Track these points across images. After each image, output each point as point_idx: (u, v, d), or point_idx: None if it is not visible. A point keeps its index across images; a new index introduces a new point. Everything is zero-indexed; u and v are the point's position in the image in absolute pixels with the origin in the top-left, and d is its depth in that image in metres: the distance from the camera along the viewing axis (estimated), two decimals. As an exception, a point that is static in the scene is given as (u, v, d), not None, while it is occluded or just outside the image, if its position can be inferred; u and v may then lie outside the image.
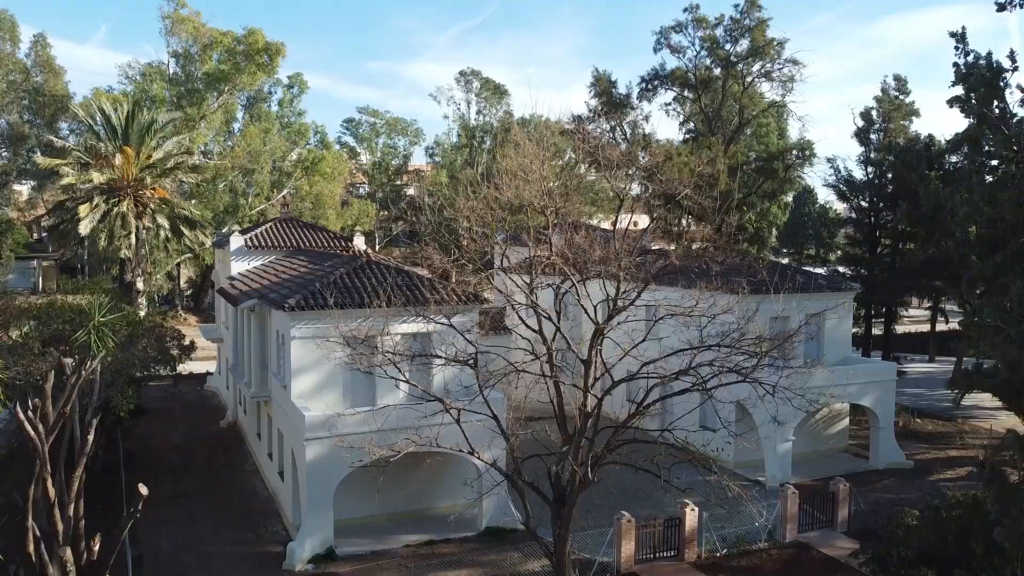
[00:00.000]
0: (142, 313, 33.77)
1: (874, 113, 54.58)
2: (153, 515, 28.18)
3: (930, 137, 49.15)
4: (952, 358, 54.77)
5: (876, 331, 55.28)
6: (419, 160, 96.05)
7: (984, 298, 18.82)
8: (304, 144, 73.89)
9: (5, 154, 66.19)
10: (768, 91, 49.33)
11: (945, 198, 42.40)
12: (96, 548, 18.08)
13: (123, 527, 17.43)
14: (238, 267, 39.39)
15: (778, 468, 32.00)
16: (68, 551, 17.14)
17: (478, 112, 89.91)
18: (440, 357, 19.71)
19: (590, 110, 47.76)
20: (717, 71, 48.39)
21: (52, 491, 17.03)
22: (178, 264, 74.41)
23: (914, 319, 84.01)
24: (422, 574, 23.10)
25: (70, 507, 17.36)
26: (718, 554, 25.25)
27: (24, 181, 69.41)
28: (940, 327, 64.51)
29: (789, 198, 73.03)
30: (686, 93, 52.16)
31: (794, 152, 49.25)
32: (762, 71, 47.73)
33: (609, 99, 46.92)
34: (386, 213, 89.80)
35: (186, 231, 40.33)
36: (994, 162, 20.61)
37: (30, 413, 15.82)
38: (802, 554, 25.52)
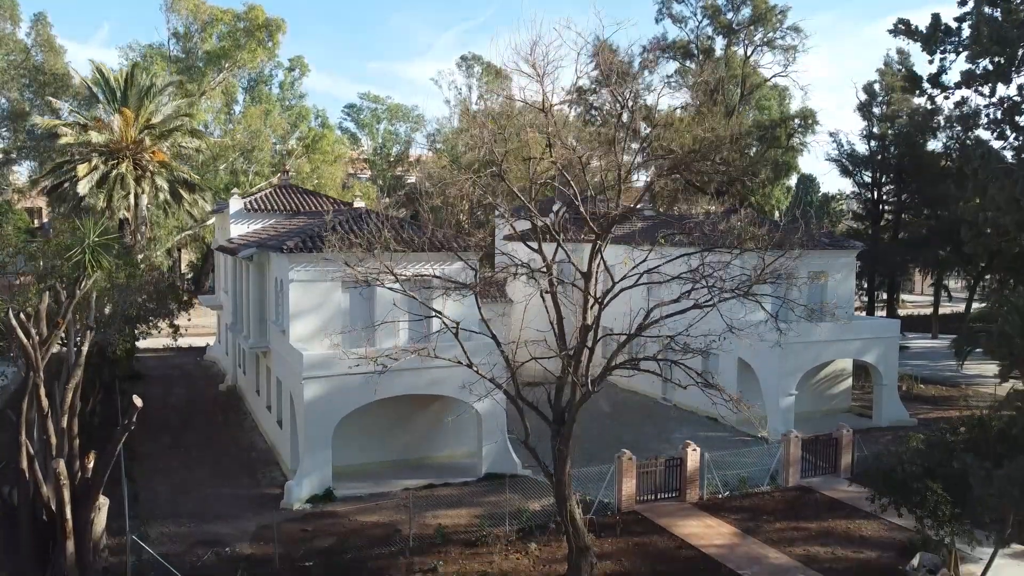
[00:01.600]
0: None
1: (877, 86, 54.36)
2: (150, 464, 28.10)
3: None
4: (955, 336, 54.45)
5: (880, 315, 55.02)
6: (420, 149, 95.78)
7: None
8: (306, 125, 73.62)
9: (6, 134, 66.03)
10: (770, 62, 49.11)
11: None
12: (90, 466, 17.84)
13: (117, 440, 17.18)
14: (237, 231, 39.17)
15: (781, 423, 31.71)
16: (61, 463, 16.90)
17: (479, 97, 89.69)
18: (439, 278, 19.41)
19: (590, 80, 47.45)
20: (719, 40, 48.18)
21: (45, 402, 16.80)
22: (179, 248, 74.25)
23: (917, 304, 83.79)
24: (421, 512, 22.83)
25: (63, 419, 17.12)
26: (720, 495, 24.98)
27: (23, 161, 69.21)
28: (943, 310, 64.28)
29: (791, 182, 72.92)
30: (688, 64, 51.92)
31: (796, 120, 49.03)
32: (764, 39, 47.46)
33: (610, 68, 46.51)
34: (387, 200, 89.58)
35: (185, 194, 40.05)
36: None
37: (22, 316, 15.60)
38: (805, 496, 25.26)
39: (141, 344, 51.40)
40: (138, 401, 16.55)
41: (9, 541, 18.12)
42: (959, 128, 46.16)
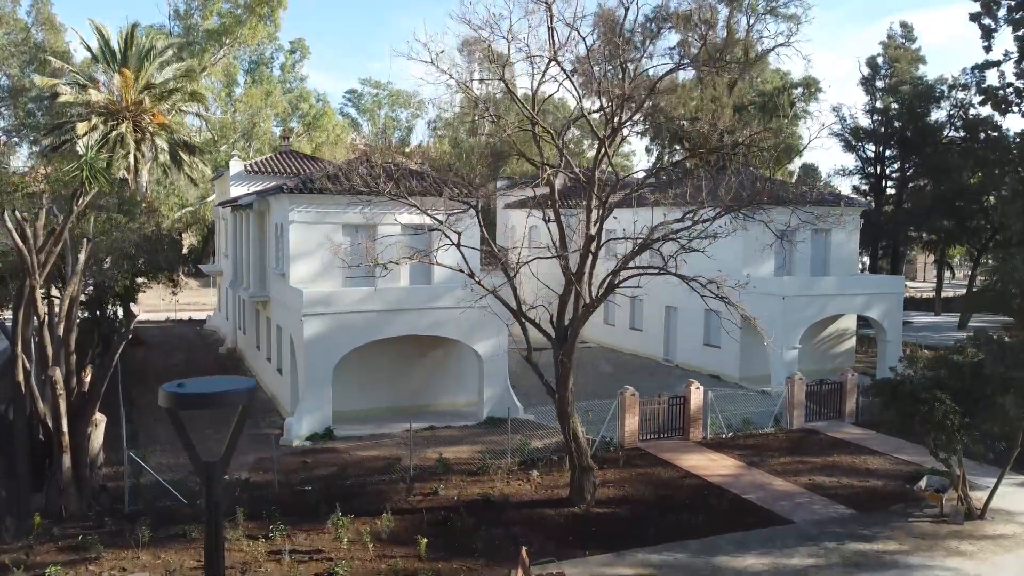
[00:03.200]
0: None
1: (880, 60, 54.12)
2: (149, 412, 27.83)
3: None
4: (958, 314, 54.15)
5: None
6: (421, 134, 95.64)
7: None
8: (307, 104, 73.48)
9: (6, 112, 65.84)
10: (774, 33, 48.80)
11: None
12: (87, 380, 17.64)
13: (114, 351, 16.98)
14: (237, 193, 38.96)
15: (784, 376, 31.37)
16: (57, 371, 16.70)
17: (480, 81, 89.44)
18: (438, 197, 19.17)
19: (588, 48, 47.20)
20: (722, 8, 47.92)
21: (42, 309, 16.59)
22: (180, 234, 73.97)
23: (919, 289, 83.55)
24: (422, 449, 22.60)
25: (59, 327, 16.90)
26: (724, 435, 24.74)
27: (23, 143, 69.05)
28: (946, 293, 64.02)
29: (794, 166, 72.59)
30: (690, 37, 51.64)
31: (799, 88, 48.79)
32: (767, 7, 47.26)
33: (612, 35, 46.40)
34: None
35: (185, 157, 39.84)
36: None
37: (17, 215, 15.38)
38: (810, 437, 25.01)
39: (141, 316, 51.54)
40: (135, 309, 16.35)
41: (6, 459, 17.90)
42: (964, 98, 46.17)
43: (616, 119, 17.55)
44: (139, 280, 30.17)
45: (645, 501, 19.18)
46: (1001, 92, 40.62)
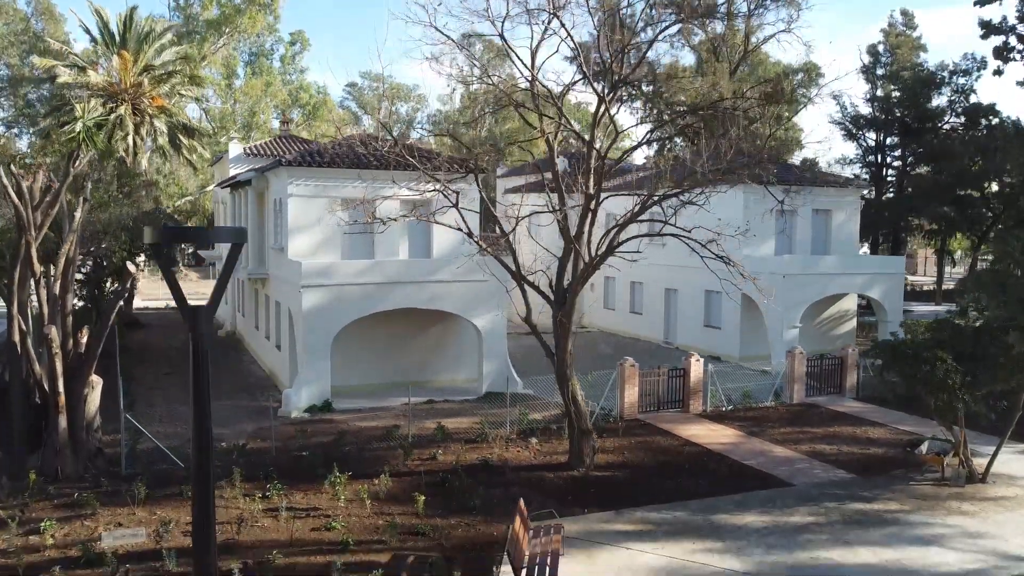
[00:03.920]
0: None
1: (880, 48, 54.03)
2: (148, 385, 27.85)
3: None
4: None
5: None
6: (421, 133, 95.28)
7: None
8: (307, 95, 73.41)
9: (6, 103, 65.83)
10: (774, 20, 48.76)
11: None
12: (83, 341, 17.54)
13: (110, 310, 16.87)
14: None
15: (784, 355, 31.27)
16: (53, 330, 16.59)
17: (480, 75, 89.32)
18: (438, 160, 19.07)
19: (590, 33, 47.17)
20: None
21: (37, 266, 16.49)
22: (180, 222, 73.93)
23: (919, 283, 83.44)
24: (421, 420, 22.51)
25: (56, 284, 16.80)
26: (724, 408, 24.63)
27: (22, 129, 69.04)
28: (947, 287, 63.83)
29: (794, 161, 72.43)
30: (691, 24, 51.54)
31: (800, 74, 48.67)
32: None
33: (614, 23, 46.33)
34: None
35: (184, 140, 39.74)
36: None
37: (13, 168, 15.29)
38: (810, 410, 24.89)
39: (140, 303, 51.36)
40: (131, 267, 16.22)
41: (1, 421, 17.81)
42: (966, 84, 45.99)
43: (616, 76, 17.44)
44: (138, 258, 30.02)
45: (644, 466, 19.07)
46: (1004, 34, 39.03)
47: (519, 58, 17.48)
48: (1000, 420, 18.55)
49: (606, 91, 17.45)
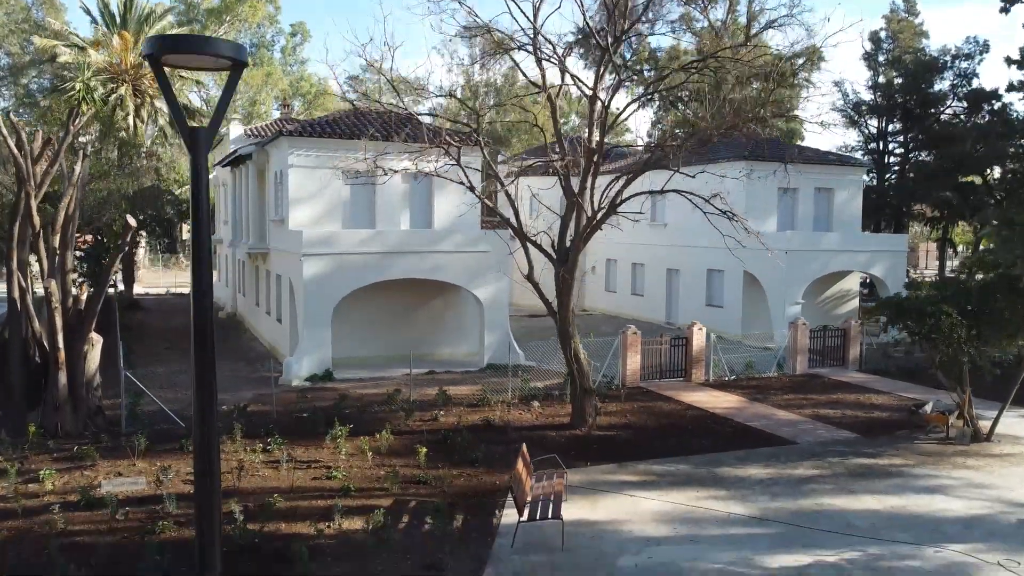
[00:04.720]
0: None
1: (882, 34, 53.86)
2: (149, 356, 27.73)
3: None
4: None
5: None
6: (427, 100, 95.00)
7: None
8: (308, 84, 73.32)
9: (6, 92, 65.78)
10: (776, 3, 48.58)
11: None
12: (83, 298, 17.44)
13: (109, 266, 16.79)
14: (238, 158, 38.79)
15: (787, 332, 31.17)
16: (52, 283, 16.49)
17: (481, 67, 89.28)
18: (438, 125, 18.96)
19: (587, 19, 47.03)
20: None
21: (36, 219, 16.39)
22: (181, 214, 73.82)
23: (919, 279, 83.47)
24: (423, 387, 22.41)
25: (55, 238, 16.70)
26: (727, 378, 24.52)
27: (23, 115, 68.99)
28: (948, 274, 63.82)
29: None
30: (692, 10, 51.48)
31: (801, 59, 48.53)
32: (769, -24, 47.00)
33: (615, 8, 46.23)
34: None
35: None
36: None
37: (12, 118, 15.17)
38: (813, 380, 24.80)
39: (141, 289, 51.24)
40: (132, 221, 16.11)
41: (1, 378, 17.72)
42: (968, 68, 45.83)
43: (619, 28, 17.35)
44: (141, 233, 29.91)
45: (647, 428, 18.97)
46: None
47: (522, 12, 17.31)
48: (1002, 385, 18.47)
49: (610, 41, 17.36)
